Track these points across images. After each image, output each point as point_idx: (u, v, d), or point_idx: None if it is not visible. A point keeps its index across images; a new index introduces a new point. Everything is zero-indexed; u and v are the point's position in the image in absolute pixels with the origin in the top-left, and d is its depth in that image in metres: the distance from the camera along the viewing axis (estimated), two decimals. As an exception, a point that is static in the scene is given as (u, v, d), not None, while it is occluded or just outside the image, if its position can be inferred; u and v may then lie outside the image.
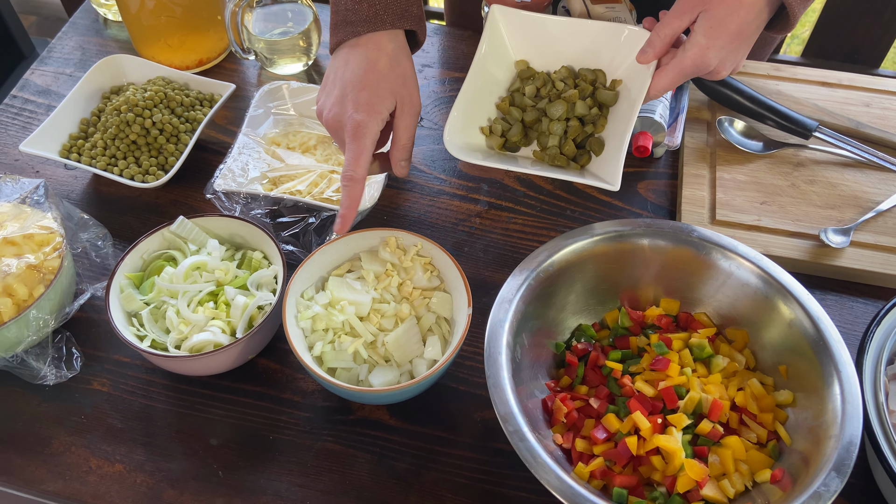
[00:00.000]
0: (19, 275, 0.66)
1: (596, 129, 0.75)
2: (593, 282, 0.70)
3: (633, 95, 0.72)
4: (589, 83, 0.76)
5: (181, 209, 0.84)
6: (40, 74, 0.97)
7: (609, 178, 0.70)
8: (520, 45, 0.78)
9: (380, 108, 0.68)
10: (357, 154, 0.67)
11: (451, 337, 0.68)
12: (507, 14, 0.77)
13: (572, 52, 0.77)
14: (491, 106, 0.78)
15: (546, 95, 0.76)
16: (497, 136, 0.76)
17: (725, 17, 0.66)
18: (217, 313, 0.67)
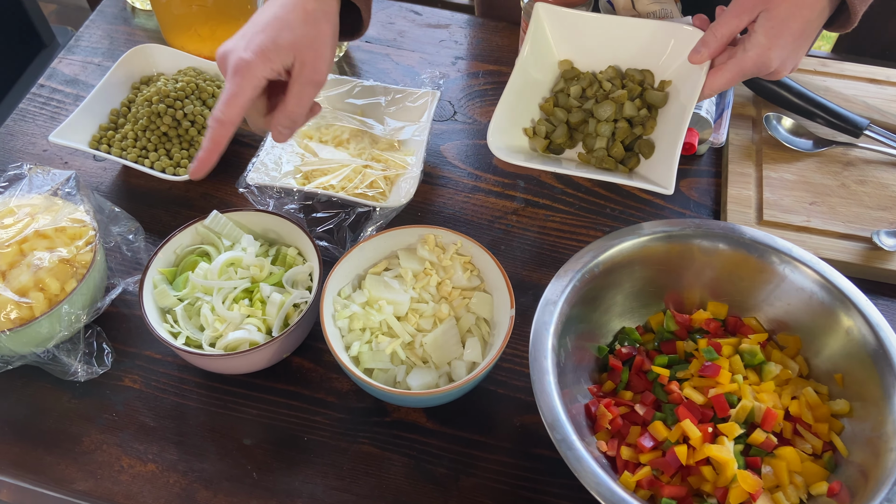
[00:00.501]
0: (52, 269, 0.64)
1: (645, 131, 0.73)
2: (639, 284, 0.67)
3: (685, 96, 0.70)
4: (637, 84, 0.74)
5: (211, 202, 0.82)
6: (68, 63, 0.95)
7: (662, 182, 0.67)
8: (564, 43, 0.76)
9: (272, 55, 0.60)
10: (231, 95, 0.60)
11: (491, 339, 0.66)
12: (552, 12, 0.74)
13: (619, 51, 0.75)
14: (534, 106, 0.76)
15: (592, 96, 0.74)
16: (541, 137, 0.74)
17: (788, 17, 0.64)
18: (253, 311, 0.65)
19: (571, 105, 0.74)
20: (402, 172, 0.80)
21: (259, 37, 0.61)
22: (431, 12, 1.02)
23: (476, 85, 0.94)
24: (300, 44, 0.62)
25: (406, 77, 0.94)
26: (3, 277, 0.64)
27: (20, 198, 0.69)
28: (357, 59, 0.96)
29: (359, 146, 0.82)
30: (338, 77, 0.86)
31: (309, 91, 0.64)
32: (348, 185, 0.77)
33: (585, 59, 0.76)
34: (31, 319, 0.63)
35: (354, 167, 0.78)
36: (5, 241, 0.64)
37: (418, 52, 0.97)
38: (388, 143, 0.84)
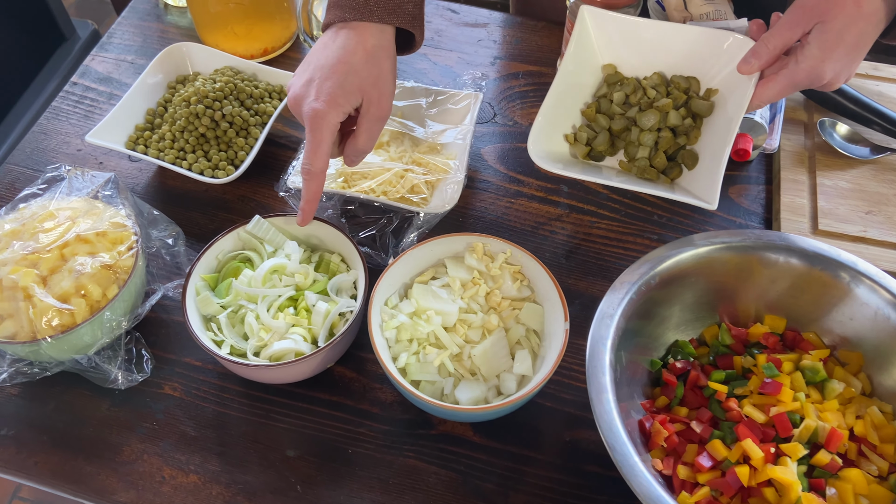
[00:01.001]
0: (93, 274, 0.63)
1: (689, 141, 0.71)
2: (695, 296, 0.65)
3: (732, 107, 0.68)
4: (682, 91, 0.72)
5: (249, 205, 0.80)
6: (101, 61, 0.94)
7: (705, 196, 0.65)
8: (608, 47, 0.74)
9: (342, 101, 0.64)
10: (314, 147, 0.63)
11: (542, 351, 0.64)
12: (597, 15, 0.72)
13: (664, 57, 0.73)
14: (576, 112, 0.74)
15: (636, 103, 0.72)
16: (582, 144, 0.72)
17: (843, 29, 0.62)
18: (298, 320, 0.63)
19: (614, 112, 0.73)
20: (443, 177, 0.78)
21: (327, 84, 0.64)
22: (468, 10, 1.00)
23: (516, 86, 0.91)
24: (365, 85, 0.65)
25: (444, 77, 0.92)
26: (44, 283, 0.62)
27: (60, 200, 0.67)
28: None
29: (399, 149, 0.81)
30: (377, 78, 0.84)
31: (376, 126, 0.67)
32: (390, 189, 0.75)
33: (630, 63, 0.74)
34: (72, 326, 0.61)
35: (396, 171, 0.76)
36: (46, 245, 0.63)
37: (456, 51, 0.95)
38: (429, 146, 0.82)
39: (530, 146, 0.68)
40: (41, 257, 0.63)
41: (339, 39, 0.66)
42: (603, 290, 0.74)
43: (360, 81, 0.64)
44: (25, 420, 0.66)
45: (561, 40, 0.95)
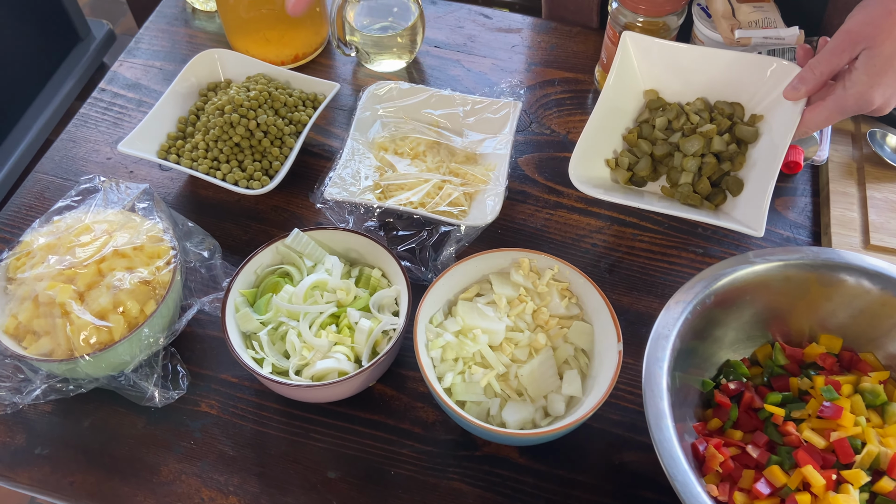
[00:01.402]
0: (131, 290, 0.61)
1: (734, 167, 0.70)
2: (749, 315, 0.63)
3: (778, 133, 0.67)
4: (726, 117, 0.71)
5: (283, 216, 0.79)
6: (129, 67, 0.92)
7: (751, 223, 0.64)
8: (650, 73, 0.73)
9: None
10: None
11: (591, 371, 0.62)
12: (639, 41, 0.72)
13: (707, 82, 0.72)
14: (617, 137, 0.73)
15: (679, 129, 0.71)
16: (623, 169, 0.71)
17: (892, 55, 0.61)
18: (341, 338, 0.62)
19: (656, 137, 0.71)
20: (481, 188, 0.76)
21: None
22: (501, 16, 0.98)
23: (552, 93, 0.89)
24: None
25: (478, 84, 0.90)
26: (81, 299, 0.61)
27: (96, 213, 0.66)
28: (426, 65, 0.92)
29: (436, 159, 0.79)
30: (414, 86, 0.83)
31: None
32: (429, 201, 0.74)
33: (672, 89, 0.74)
34: (110, 343, 0.60)
35: (436, 183, 0.75)
36: (83, 260, 0.61)
37: (490, 57, 0.93)
38: (466, 156, 0.80)
39: (571, 171, 0.67)
40: (78, 272, 0.61)
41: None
42: (649, 306, 0.72)
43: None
44: (60, 438, 0.64)
45: (597, 46, 0.93)
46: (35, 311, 0.60)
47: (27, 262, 0.63)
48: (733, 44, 0.73)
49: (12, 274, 0.63)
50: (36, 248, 0.63)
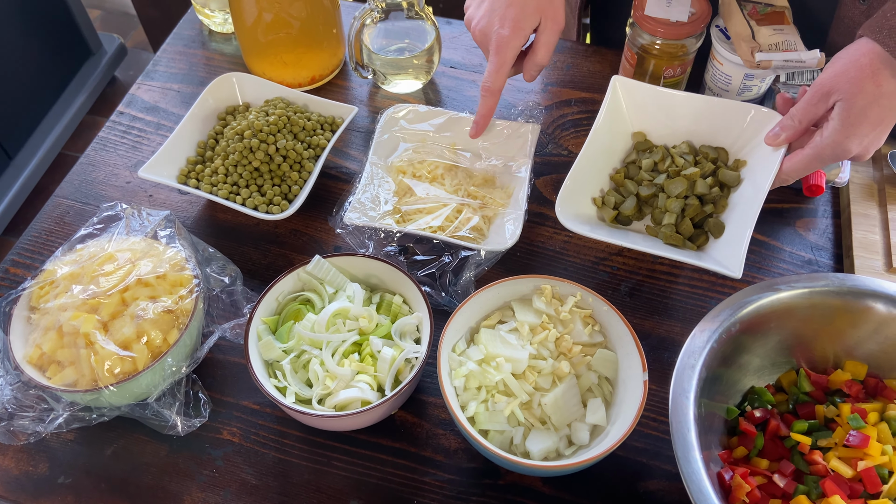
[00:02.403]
0: (155, 320, 0.61)
1: (716, 210, 0.71)
2: (775, 342, 0.63)
3: (759, 178, 0.68)
4: (710, 161, 0.73)
5: (301, 239, 0.79)
6: (147, 90, 0.92)
7: (730, 265, 0.65)
8: (638, 116, 0.76)
9: (524, 24, 0.72)
10: (497, 67, 0.73)
11: (615, 399, 0.62)
12: (627, 85, 0.75)
13: (693, 126, 0.74)
14: (605, 176, 0.75)
15: (664, 170, 0.72)
16: (609, 208, 0.72)
17: (866, 106, 0.62)
18: (364, 367, 0.62)
19: (642, 178, 0.73)
20: (500, 211, 0.76)
21: (510, 11, 0.72)
22: (517, 35, 0.98)
23: (569, 114, 0.89)
24: (542, 4, 0.72)
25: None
26: (105, 329, 0.61)
27: (118, 241, 0.66)
28: (443, 85, 0.93)
29: (454, 182, 0.79)
30: (432, 108, 0.83)
31: (553, 40, 0.74)
32: (448, 225, 0.74)
33: (659, 132, 0.76)
34: (133, 373, 0.60)
35: (455, 206, 0.74)
36: (107, 289, 0.62)
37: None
38: (484, 178, 0.80)
39: (558, 208, 0.69)
40: (102, 302, 0.61)
41: None
42: (671, 330, 0.72)
43: (538, 2, 0.72)
44: (83, 467, 0.64)
45: (613, 66, 0.93)
46: (59, 341, 0.60)
47: (51, 291, 0.63)
48: (753, 66, 0.73)
49: (35, 303, 0.63)
50: (59, 276, 0.63)
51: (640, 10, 0.76)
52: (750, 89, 0.79)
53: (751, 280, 0.75)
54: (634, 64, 0.80)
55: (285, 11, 0.83)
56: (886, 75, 0.62)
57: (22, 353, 0.61)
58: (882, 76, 0.62)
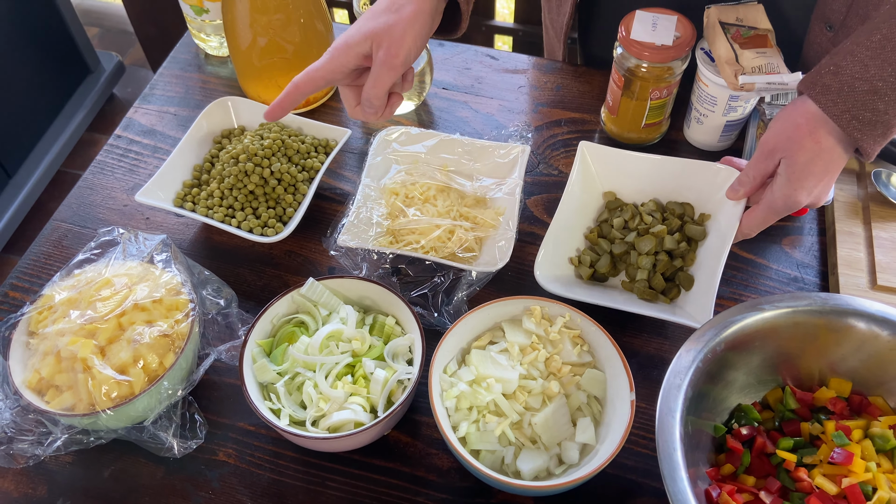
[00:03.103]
0: (151, 344, 0.62)
1: (685, 264, 0.74)
2: (760, 360, 0.64)
3: (724, 231, 0.72)
4: (677, 217, 0.76)
5: (296, 260, 0.80)
6: (144, 113, 0.94)
7: (699, 317, 0.68)
8: (608, 176, 0.79)
9: (352, 43, 0.66)
10: (313, 67, 0.67)
11: (604, 418, 0.63)
12: (595, 149, 0.79)
13: (660, 184, 0.78)
14: (580, 235, 0.78)
15: (634, 228, 0.76)
16: (586, 266, 0.75)
17: (809, 162, 0.66)
18: (357, 389, 0.63)
19: (615, 236, 0.76)
20: (491, 232, 0.77)
21: (353, 27, 0.68)
22: (508, 57, 1.00)
23: (559, 134, 0.91)
24: (377, 30, 0.66)
25: (486, 126, 0.92)
26: (102, 354, 0.62)
27: (115, 266, 0.67)
28: (435, 107, 0.94)
29: (446, 203, 0.80)
30: (422, 131, 0.84)
31: (383, 74, 0.67)
32: (440, 246, 0.75)
33: (628, 190, 0.79)
34: (130, 397, 0.61)
35: (447, 227, 0.76)
36: (104, 315, 0.63)
37: (497, 98, 0.95)
38: (476, 199, 0.81)
39: (537, 272, 0.71)
40: (99, 327, 0.62)
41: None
42: (660, 348, 0.73)
43: (374, 26, 0.66)
44: (81, 490, 0.65)
45: (601, 86, 0.95)
46: (57, 366, 0.62)
47: (49, 316, 0.64)
48: (737, 89, 0.75)
49: (34, 328, 0.64)
50: (57, 302, 0.65)
51: (627, 33, 0.78)
52: (735, 109, 0.81)
53: (739, 298, 0.76)
54: (622, 86, 0.82)
55: (279, 36, 0.85)
56: (823, 133, 0.65)
57: (21, 377, 0.62)
58: (819, 134, 0.65)
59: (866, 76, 0.62)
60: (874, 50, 0.62)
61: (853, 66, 0.62)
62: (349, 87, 0.70)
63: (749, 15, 0.78)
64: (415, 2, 0.67)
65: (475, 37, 2.13)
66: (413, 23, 0.66)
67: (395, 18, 0.66)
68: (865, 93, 0.62)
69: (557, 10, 0.94)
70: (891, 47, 0.61)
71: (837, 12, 0.76)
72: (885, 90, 0.61)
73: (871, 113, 0.62)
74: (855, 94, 0.62)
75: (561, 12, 0.93)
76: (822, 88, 0.64)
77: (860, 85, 0.62)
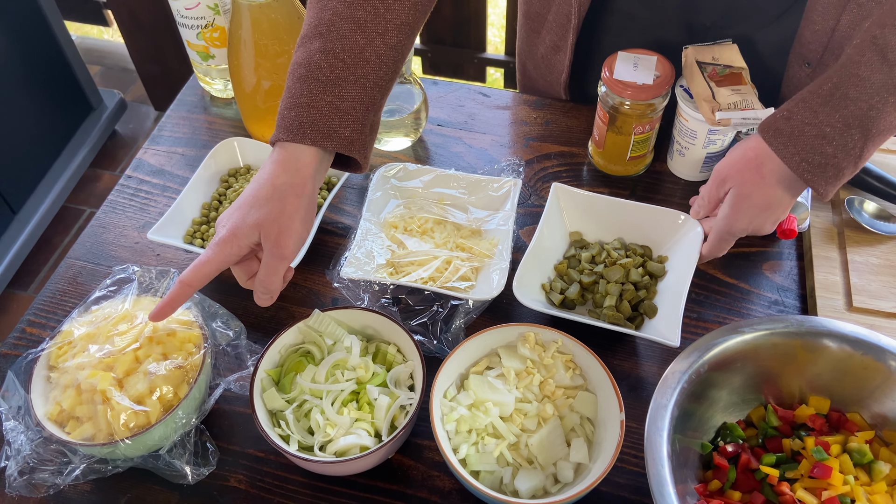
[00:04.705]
0: (166, 376, 0.66)
1: (648, 296, 0.79)
2: (742, 380, 0.68)
3: (680, 271, 0.78)
4: (639, 255, 0.81)
5: (301, 292, 0.84)
6: (153, 154, 0.98)
7: (669, 336, 0.72)
8: (575, 217, 0.85)
9: (239, 234, 0.64)
10: (200, 262, 0.64)
11: (596, 438, 0.67)
12: (565, 191, 0.84)
13: (622, 226, 0.84)
14: (550, 267, 0.82)
15: (601, 261, 0.81)
16: (557, 293, 0.79)
17: (751, 194, 0.72)
18: (362, 415, 0.66)
19: (583, 268, 0.81)
20: (487, 262, 0.81)
21: (235, 215, 0.65)
22: (499, 94, 1.05)
23: (550, 167, 0.96)
24: (264, 221, 0.64)
25: (480, 160, 0.96)
26: (120, 385, 0.65)
27: (131, 302, 0.71)
28: (430, 142, 0.99)
29: (443, 234, 0.84)
30: (421, 166, 0.89)
31: (275, 264, 0.65)
32: (438, 276, 0.79)
33: (593, 231, 0.85)
34: (147, 426, 0.64)
35: (445, 258, 0.80)
36: (122, 348, 0.66)
37: (490, 134, 1.00)
38: (472, 231, 0.86)
39: (515, 290, 0.75)
40: (117, 360, 0.66)
41: (265, 167, 0.67)
42: (650, 371, 0.77)
43: (260, 217, 0.64)
44: (99, 517, 0.68)
45: (588, 121, 1.00)
46: (77, 398, 0.65)
47: (69, 350, 0.68)
48: (714, 124, 0.79)
49: (55, 363, 0.68)
50: (77, 337, 0.68)
51: (610, 73, 0.83)
52: (715, 142, 0.86)
53: (723, 321, 0.80)
54: (607, 122, 0.86)
55: (282, 79, 0.90)
56: (769, 169, 0.70)
57: (43, 410, 0.65)
58: (765, 169, 0.70)
59: (815, 122, 0.67)
60: (824, 97, 0.67)
61: (804, 112, 0.68)
62: (238, 265, 0.68)
63: (724, 54, 0.84)
64: (296, 187, 0.65)
65: (467, 69, 2.20)
66: (298, 210, 0.65)
67: (279, 208, 0.64)
68: (814, 137, 0.67)
69: (550, 70, 0.99)
70: (839, 95, 0.66)
71: (814, 52, 0.82)
72: (833, 135, 0.66)
73: (819, 156, 0.67)
74: (804, 138, 0.67)
75: (556, 71, 0.98)
76: (774, 132, 0.69)
77: (809, 130, 0.67)
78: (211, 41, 0.96)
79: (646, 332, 0.75)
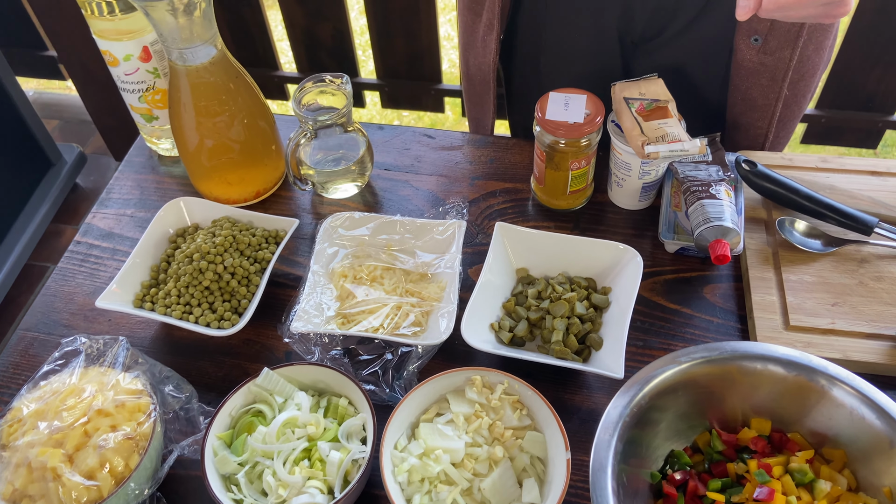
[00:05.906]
0: (116, 448, 0.66)
1: (594, 328, 0.81)
2: (684, 407, 0.70)
3: (622, 301, 0.80)
4: (583, 288, 0.84)
5: (254, 348, 0.85)
6: (102, 217, 0.99)
7: (613, 368, 0.74)
8: (520, 254, 0.87)
9: None
10: None
11: (547, 477, 0.68)
12: (508, 229, 0.87)
13: (566, 261, 0.86)
14: (498, 305, 0.84)
15: (547, 297, 0.83)
16: (505, 331, 0.81)
17: None
18: (314, 473, 0.67)
19: (530, 304, 0.83)
20: (436, 306, 0.83)
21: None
22: (444, 135, 1.07)
23: (495, 204, 0.98)
24: None
25: (427, 202, 0.98)
26: (70, 461, 0.65)
27: (79, 375, 0.71)
28: (378, 187, 1.01)
29: (392, 281, 0.86)
30: (365, 214, 0.90)
31: None
32: (389, 323, 0.80)
33: (539, 267, 0.87)
34: (99, 501, 0.64)
35: (394, 304, 0.81)
36: (71, 423, 0.66)
37: (436, 174, 1.02)
38: (420, 275, 0.87)
39: (464, 333, 0.76)
40: (66, 435, 0.66)
41: None
42: (598, 402, 0.78)
43: None
44: None
45: (531, 156, 1.02)
46: (29, 476, 0.65)
47: (19, 428, 0.68)
48: (644, 157, 0.82)
49: (6, 441, 0.68)
50: (26, 415, 0.68)
51: (542, 114, 0.85)
52: (649, 173, 0.89)
53: (668, 348, 0.82)
54: (544, 159, 0.89)
55: (225, 137, 0.91)
56: None
57: (-7, 492, 0.65)
58: None
59: None
60: None
61: None
62: None
63: (650, 89, 0.87)
64: None
65: (425, 100, 2.23)
66: None
67: None
68: None
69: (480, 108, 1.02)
70: None
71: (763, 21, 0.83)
72: None
73: None
74: None
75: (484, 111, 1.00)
76: None
77: None
78: (154, 103, 0.98)
79: (592, 364, 0.77)
